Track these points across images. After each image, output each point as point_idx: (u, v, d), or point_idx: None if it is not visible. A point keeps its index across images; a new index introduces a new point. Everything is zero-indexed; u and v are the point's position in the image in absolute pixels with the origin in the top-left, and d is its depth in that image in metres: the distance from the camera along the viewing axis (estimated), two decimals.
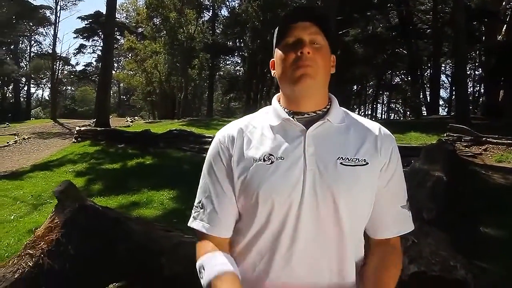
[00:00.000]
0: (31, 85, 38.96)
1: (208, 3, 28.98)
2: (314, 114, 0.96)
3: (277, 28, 0.97)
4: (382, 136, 0.96)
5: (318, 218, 0.88)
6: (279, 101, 1.01)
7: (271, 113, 0.99)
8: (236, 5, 27.59)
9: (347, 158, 0.91)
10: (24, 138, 14.56)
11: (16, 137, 15.02)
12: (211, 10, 29.53)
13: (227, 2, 28.32)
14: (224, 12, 30.00)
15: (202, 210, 0.97)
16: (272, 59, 1.01)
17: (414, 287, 2.25)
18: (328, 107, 0.98)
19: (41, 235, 2.18)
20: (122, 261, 2.35)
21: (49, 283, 1.99)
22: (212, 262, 0.89)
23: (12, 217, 5.40)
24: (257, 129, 0.97)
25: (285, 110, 0.97)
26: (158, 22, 27.19)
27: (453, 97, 19.73)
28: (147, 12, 26.10)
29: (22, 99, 37.40)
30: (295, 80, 0.92)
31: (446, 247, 2.58)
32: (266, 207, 0.89)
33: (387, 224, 0.98)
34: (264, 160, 0.91)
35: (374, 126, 0.98)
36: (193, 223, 0.98)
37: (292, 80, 0.93)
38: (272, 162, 0.90)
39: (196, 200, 1.00)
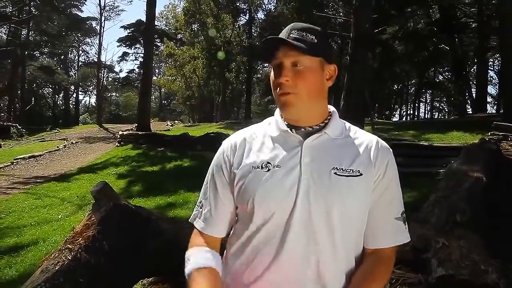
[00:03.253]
0: (79, 93, 41.32)
1: (244, 7, 29.39)
2: (311, 128, 1.00)
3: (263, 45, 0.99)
4: (378, 148, 0.99)
5: (311, 224, 0.92)
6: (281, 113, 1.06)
7: (273, 124, 1.04)
8: (272, 7, 27.79)
9: (342, 169, 0.94)
10: (72, 143, 15.48)
11: (65, 141, 15.99)
12: (247, 14, 29.92)
13: (263, 5, 28.58)
14: (260, 15, 30.22)
15: (201, 210, 1.06)
16: None
17: None
18: (326, 121, 1.01)
19: (79, 232, 2.35)
20: (153, 258, 2.47)
21: (85, 276, 2.15)
22: (197, 256, 0.99)
23: (59, 216, 5.78)
24: (258, 139, 1.03)
25: (285, 123, 1.01)
26: (196, 28, 27.91)
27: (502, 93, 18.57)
28: (185, 19, 26.85)
29: (71, 106, 39.69)
30: (280, 106, 0.98)
31: (480, 251, 2.48)
32: (261, 211, 0.94)
33: (379, 235, 0.99)
34: (262, 168, 0.96)
35: (372, 139, 1.01)
36: (192, 220, 1.08)
37: (279, 105, 0.99)
38: (268, 170, 0.95)
39: (198, 199, 1.09)
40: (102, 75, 28.59)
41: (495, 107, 27.72)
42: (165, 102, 46.37)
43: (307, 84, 0.95)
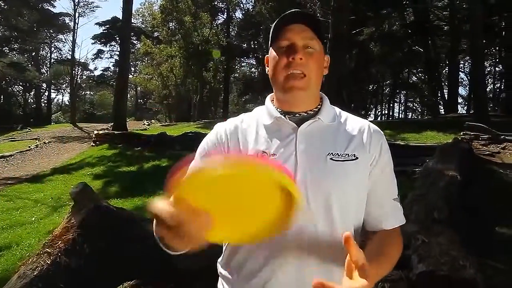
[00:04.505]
0: (52, 91, 40.04)
1: (222, 6, 29.28)
2: (305, 113, 1.00)
3: (272, 26, 0.99)
4: (371, 132, 0.99)
5: (309, 212, 0.91)
6: (272, 101, 1.05)
7: (265, 112, 1.03)
8: (250, 7, 27.80)
9: (337, 154, 0.94)
10: (44, 143, 14.99)
11: (37, 141, 15.47)
12: (225, 13, 29.82)
13: (241, 4, 28.57)
14: (238, 14, 30.20)
15: None
16: (267, 56, 1.03)
17: (423, 286, 2.26)
18: (319, 106, 1.02)
19: (59, 235, 2.28)
20: (135, 260, 2.43)
21: (66, 280, 2.08)
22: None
23: (33, 219, 5.59)
24: (251, 127, 1.01)
25: (278, 109, 1.01)
26: (173, 26, 27.57)
27: (472, 95, 19.27)
28: (162, 17, 26.48)
29: (43, 105, 38.44)
30: (286, 89, 0.96)
31: (457, 247, 2.57)
32: None
33: (382, 217, 1.00)
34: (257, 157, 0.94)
35: (364, 123, 1.02)
36: None
37: (283, 88, 0.97)
38: None
39: None
40: (76, 72, 27.83)
41: (465, 107, 28.78)
42: (141, 101, 45.60)
43: (316, 67, 0.96)
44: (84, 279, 2.16)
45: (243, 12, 28.60)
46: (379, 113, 36.11)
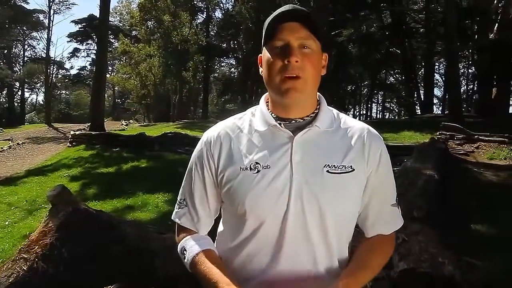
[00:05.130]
0: (25, 90, 38.79)
1: (202, 5, 29.09)
2: (302, 120, 0.95)
3: (265, 24, 0.93)
4: (370, 140, 0.96)
5: (305, 225, 0.90)
6: (267, 102, 0.99)
7: (259, 117, 0.97)
8: (230, 7, 27.74)
9: (334, 166, 0.90)
10: (18, 143, 14.49)
11: (10, 142, 14.93)
12: (205, 12, 29.64)
13: (221, 4, 28.46)
14: (218, 14, 30.08)
15: (186, 207, 1.00)
16: (260, 55, 0.97)
17: (404, 284, 2.30)
18: (316, 111, 0.97)
19: (35, 240, 2.21)
20: (116, 264, 2.37)
21: (43, 286, 2.02)
22: (192, 243, 0.95)
23: (6, 223, 5.39)
24: (244, 134, 0.96)
25: (273, 115, 0.95)
26: (152, 25, 27.19)
27: (447, 95, 19.85)
28: (140, 15, 26.07)
29: (16, 104, 37.18)
30: (282, 92, 0.90)
31: (436, 245, 2.63)
32: (252, 215, 0.91)
33: (378, 223, 0.99)
34: (251, 169, 0.91)
35: (362, 129, 0.97)
36: (176, 218, 1.02)
37: (279, 91, 0.91)
38: (258, 171, 0.90)
39: (180, 196, 1.03)
40: (51, 71, 27.04)
41: (440, 108, 29.63)
42: (119, 101, 44.74)
43: (313, 69, 0.90)
44: (63, 284, 2.09)
45: (223, 12, 28.53)
46: (357, 113, 36.70)
